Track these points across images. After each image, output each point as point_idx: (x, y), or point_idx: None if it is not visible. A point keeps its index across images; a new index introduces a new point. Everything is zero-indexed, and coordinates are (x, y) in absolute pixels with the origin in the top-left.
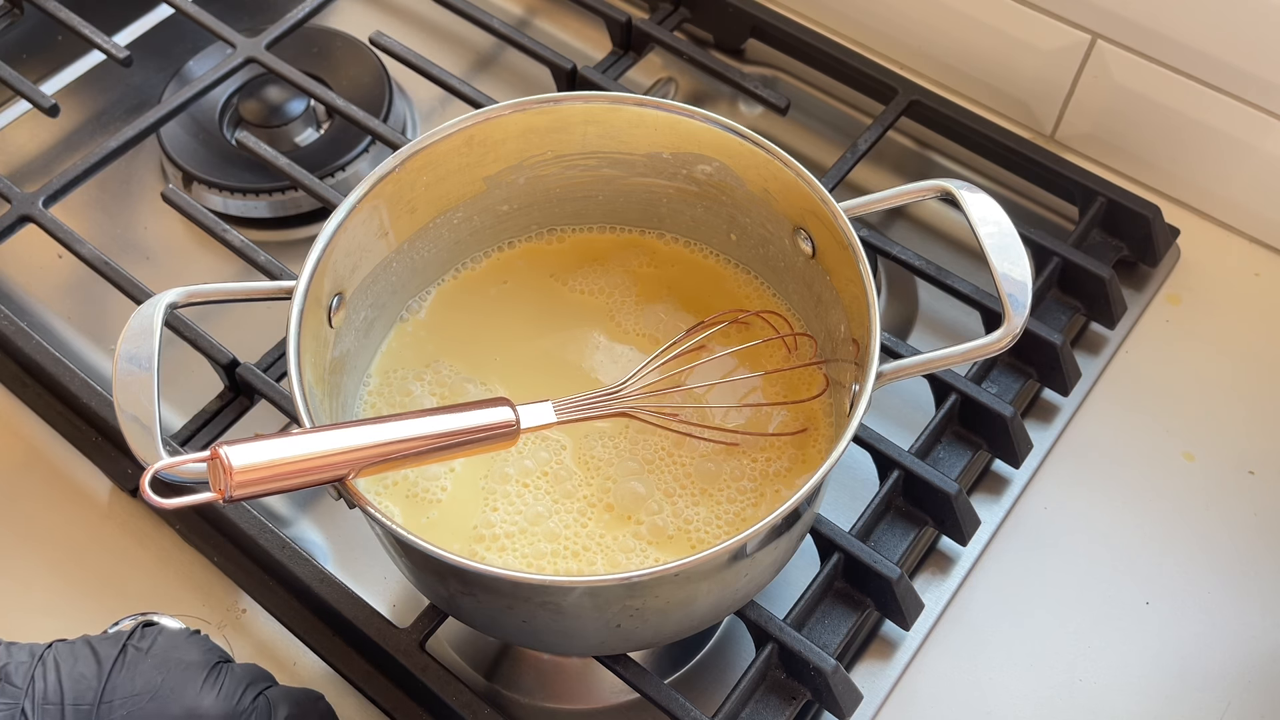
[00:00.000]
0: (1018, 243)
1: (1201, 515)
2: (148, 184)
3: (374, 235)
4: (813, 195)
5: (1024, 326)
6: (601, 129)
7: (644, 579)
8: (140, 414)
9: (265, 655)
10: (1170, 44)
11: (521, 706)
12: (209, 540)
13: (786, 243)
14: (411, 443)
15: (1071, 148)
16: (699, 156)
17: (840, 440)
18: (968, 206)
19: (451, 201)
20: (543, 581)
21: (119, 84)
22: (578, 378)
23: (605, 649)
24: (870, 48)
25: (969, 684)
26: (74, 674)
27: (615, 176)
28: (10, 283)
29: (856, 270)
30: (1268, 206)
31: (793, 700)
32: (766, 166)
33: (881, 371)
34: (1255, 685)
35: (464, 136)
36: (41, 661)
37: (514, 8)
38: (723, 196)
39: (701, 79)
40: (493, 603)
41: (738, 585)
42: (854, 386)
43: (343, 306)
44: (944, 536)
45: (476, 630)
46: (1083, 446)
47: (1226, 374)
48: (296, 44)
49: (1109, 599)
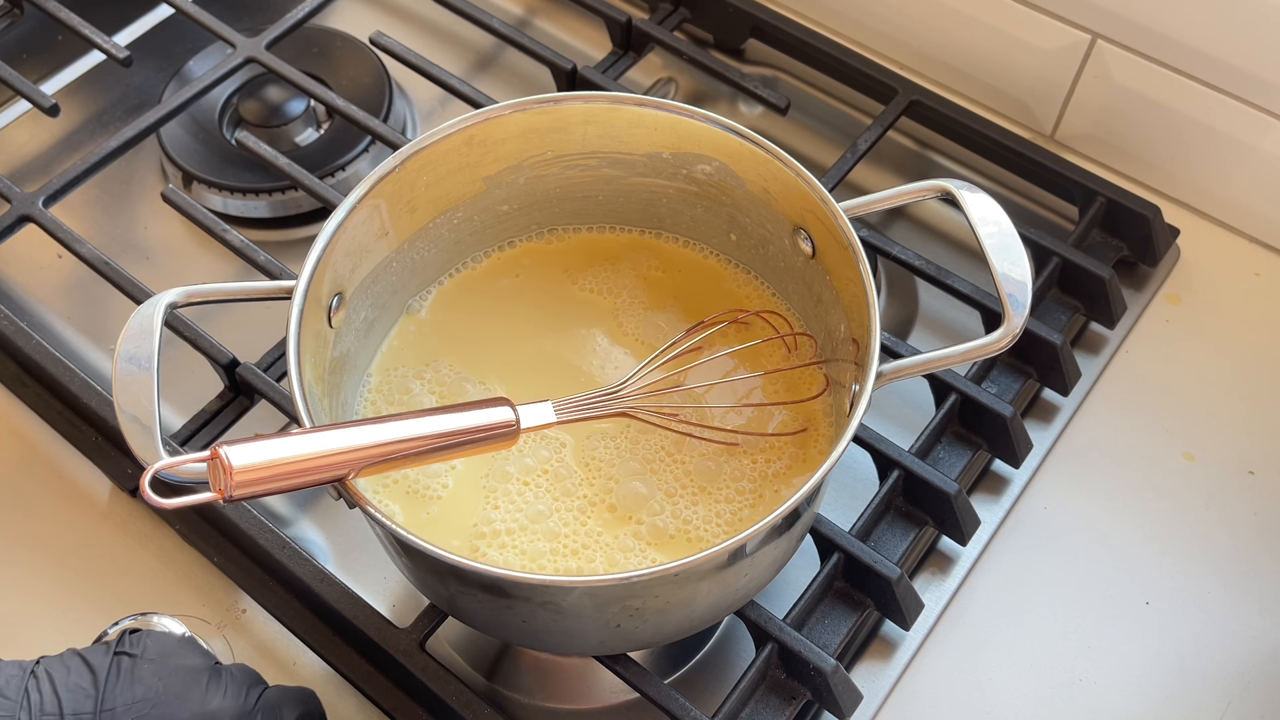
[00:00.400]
0: (1018, 243)
1: (1201, 515)
2: (148, 184)
3: (374, 235)
4: (812, 195)
5: (1024, 326)
6: (601, 129)
7: (644, 579)
8: (140, 414)
9: (265, 655)
10: (1170, 44)
11: (521, 706)
12: (209, 540)
13: (786, 243)
14: (411, 443)
15: (1071, 148)
16: (699, 156)
17: (840, 440)
18: (967, 206)
19: (452, 201)
20: (542, 581)
21: (119, 84)
22: (579, 378)
23: (605, 649)
24: (870, 48)
25: (969, 684)
26: (69, 684)
27: (615, 176)
28: (10, 283)
29: (856, 270)
30: (1268, 206)
31: (793, 700)
32: (766, 166)
33: (881, 371)
34: (1255, 685)
35: (464, 136)
36: (33, 675)
37: (514, 8)
38: (723, 196)
39: (701, 79)
40: (492, 602)
41: (737, 585)
42: (854, 386)
43: (343, 306)
44: (944, 536)
45: (476, 630)
46: (1083, 446)
47: (1226, 374)
48: (296, 44)
49: (1109, 599)
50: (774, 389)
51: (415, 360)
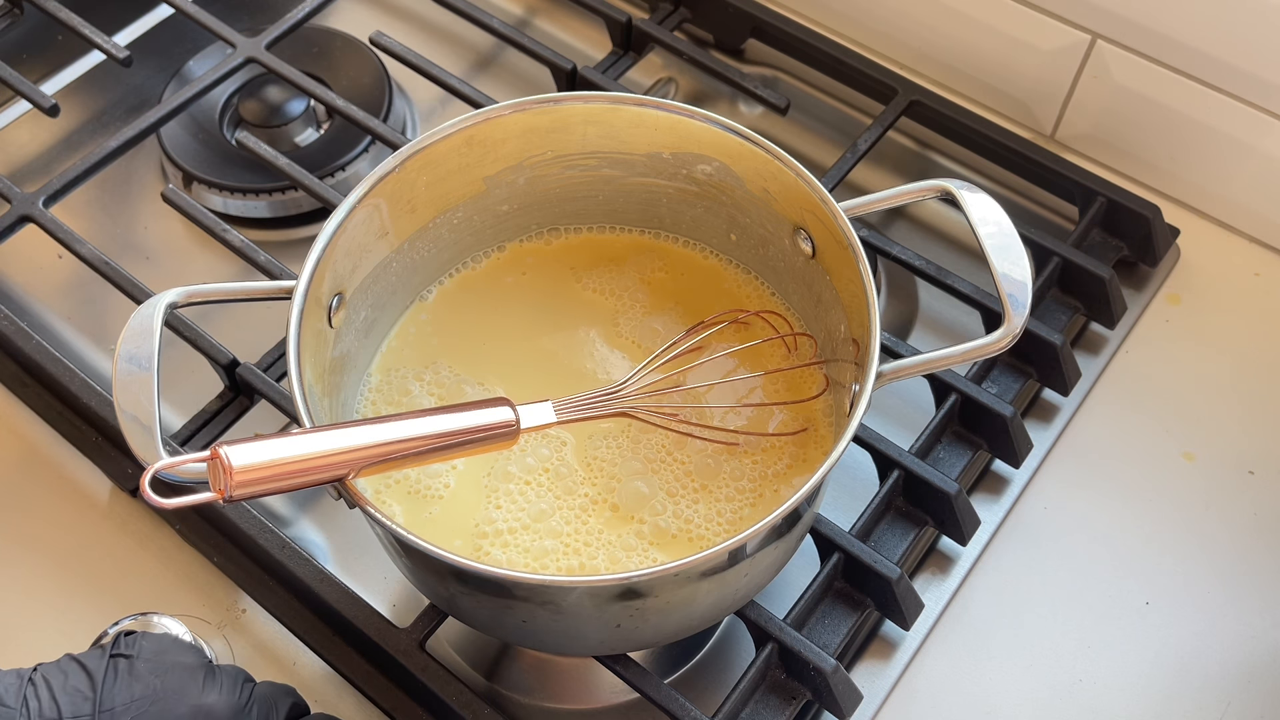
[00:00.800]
0: (1018, 243)
1: (1201, 515)
2: (148, 184)
3: (374, 235)
4: (813, 195)
5: (1024, 327)
6: (601, 129)
7: (644, 579)
8: (140, 414)
9: (265, 655)
10: (1170, 44)
11: (521, 706)
12: (209, 540)
13: (786, 243)
14: (411, 443)
15: (1071, 148)
16: (699, 156)
17: (840, 440)
18: (968, 206)
19: (452, 201)
20: (542, 581)
21: (119, 84)
22: (579, 378)
23: (605, 649)
24: (870, 48)
25: (969, 684)
26: (67, 688)
27: (615, 176)
28: (10, 283)
29: (856, 270)
30: (1268, 206)
31: (793, 700)
32: (766, 166)
33: (881, 371)
34: (1255, 685)
35: (464, 136)
36: (30, 682)
37: (514, 8)
38: (723, 196)
39: (702, 79)
40: (492, 602)
41: (738, 585)
42: (854, 386)
43: (343, 306)
44: (944, 536)
45: (476, 630)
46: (1083, 446)
47: (1226, 374)
48: (296, 44)
49: (1109, 599)
50: (774, 389)
51: (416, 360)
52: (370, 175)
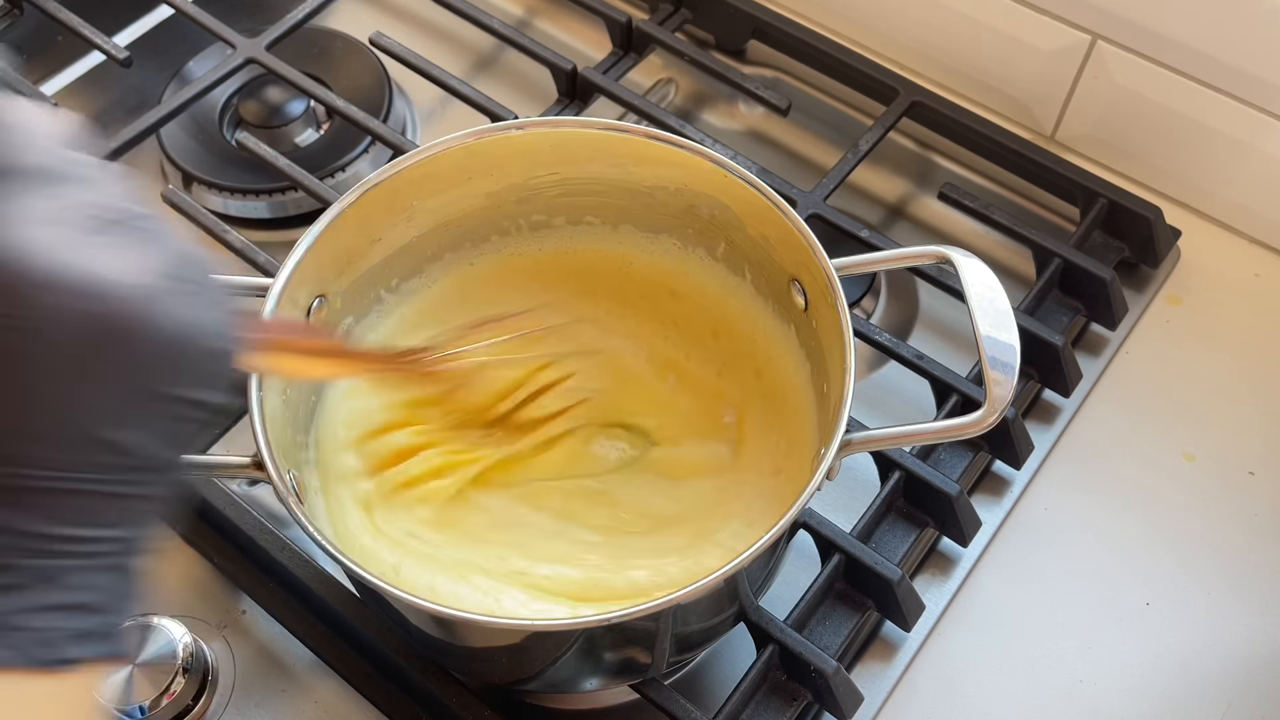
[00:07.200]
0: (1011, 319)
1: (1201, 515)
2: (148, 184)
3: (366, 240)
4: (806, 248)
5: (1007, 408)
6: (607, 157)
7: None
8: None
9: (265, 656)
10: (1170, 44)
11: (521, 706)
12: (209, 541)
13: (783, 292)
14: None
15: (1072, 148)
16: (702, 195)
17: (779, 522)
18: (964, 274)
19: (450, 214)
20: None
21: (119, 84)
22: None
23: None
24: (871, 49)
25: (970, 685)
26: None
27: (619, 203)
28: None
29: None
30: (1268, 207)
31: (793, 702)
32: (767, 213)
33: (848, 440)
34: (1255, 685)
35: (465, 150)
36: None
37: (514, 8)
38: (725, 236)
39: (702, 80)
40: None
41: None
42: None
43: (324, 308)
44: (945, 537)
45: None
46: (1083, 447)
47: (1227, 374)
48: (296, 44)
49: (1109, 599)
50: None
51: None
52: (363, 181)
